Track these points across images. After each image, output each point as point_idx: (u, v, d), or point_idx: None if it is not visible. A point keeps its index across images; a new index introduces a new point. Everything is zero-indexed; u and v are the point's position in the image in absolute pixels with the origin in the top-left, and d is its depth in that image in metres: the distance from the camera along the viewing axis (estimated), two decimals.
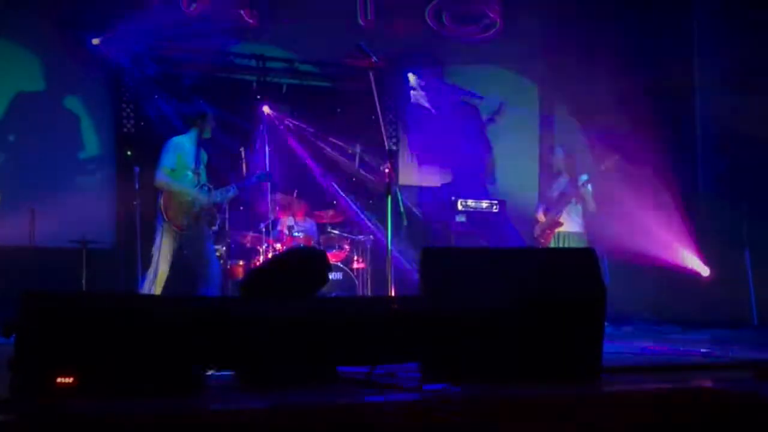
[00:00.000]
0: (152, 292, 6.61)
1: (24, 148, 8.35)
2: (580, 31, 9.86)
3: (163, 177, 6.80)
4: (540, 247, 7.78)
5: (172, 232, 6.79)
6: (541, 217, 7.96)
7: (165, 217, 6.76)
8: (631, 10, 9.81)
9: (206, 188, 6.97)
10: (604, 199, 8.03)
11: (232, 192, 7.14)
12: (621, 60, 9.61)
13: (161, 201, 6.79)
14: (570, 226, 7.82)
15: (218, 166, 7.59)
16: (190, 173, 6.90)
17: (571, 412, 3.29)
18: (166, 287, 6.77)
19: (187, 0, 8.83)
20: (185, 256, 6.99)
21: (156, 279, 6.73)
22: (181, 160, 6.86)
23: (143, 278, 6.87)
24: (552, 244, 7.78)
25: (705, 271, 9.05)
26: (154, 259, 6.78)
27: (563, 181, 7.96)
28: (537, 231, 7.98)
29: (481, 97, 9.91)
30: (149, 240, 6.96)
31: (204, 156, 7.10)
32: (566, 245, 7.72)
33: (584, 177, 7.88)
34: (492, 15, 9.92)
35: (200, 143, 7.04)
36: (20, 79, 8.49)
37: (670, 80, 9.69)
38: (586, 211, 7.85)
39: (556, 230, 7.82)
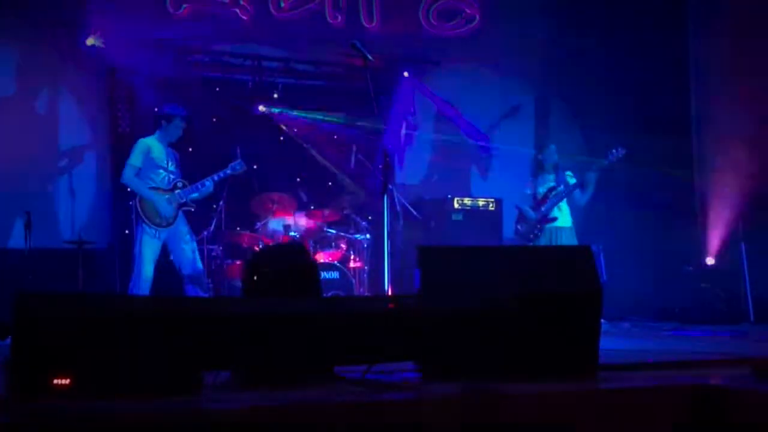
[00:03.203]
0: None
1: (18, 149, 8.32)
2: (575, 25, 9.88)
3: (127, 177, 6.95)
4: (524, 243, 7.81)
5: (151, 232, 6.83)
6: (528, 211, 7.95)
7: (143, 218, 6.82)
8: (626, 4, 9.83)
9: (180, 185, 7.04)
10: (601, 192, 8.07)
11: (207, 185, 7.20)
12: (617, 55, 9.64)
13: (137, 202, 6.86)
14: (562, 221, 7.87)
15: (215, 165, 7.60)
16: (162, 171, 6.98)
17: (568, 410, 3.29)
18: (152, 289, 6.78)
19: (175, 2, 8.79)
20: (170, 256, 7.04)
21: (140, 282, 6.74)
22: (150, 160, 6.93)
23: (129, 283, 6.88)
24: (543, 240, 7.79)
25: (710, 260, 9.15)
26: (136, 261, 6.82)
27: (550, 176, 7.99)
28: (522, 227, 7.96)
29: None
30: None
31: (174, 155, 7.17)
32: (558, 241, 7.73)
33: (569, 173, 7.91)
34: (469, 11, 9.88)
35: (170, 143, 7.12)
36: (14, 78, 8.46)
37: (666, 75, 9.71)
38: (574, 206, 7.90)
39: (548, 225, 7.83)
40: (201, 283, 7.02)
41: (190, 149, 8.17)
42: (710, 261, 9.24)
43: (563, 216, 7.90)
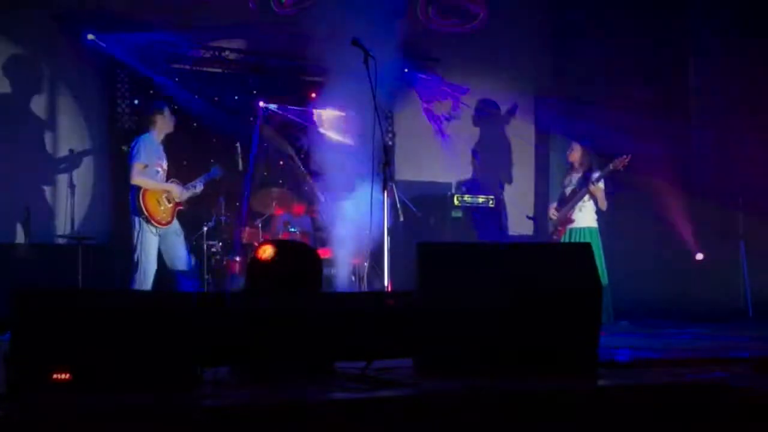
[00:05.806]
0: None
1: (17, 144, 8.31)
2: (575, 23, 9.88)
3: (138, 175, 6.91)
4: (553, 242, 7.74)
5: (152, 228, 6.85)
6: (553, 213, 7.92)
7: (145, 214, 6.82)
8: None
9: (174, 184, 7.10)
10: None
11: (198, 187, 7.25)
12: (617, 51, 9.63)
13: (140, 198, 6.86)
14: (582, 221, 7.73)
15: (216, 161, 7.62)
16: (159, 170, 7.01)
17: (568, 407, 3.29)
18: (155, 285, 6.80)
19: None
20: (164, 252, 7.06)
21: (144, 277, 6.76)
22: (151, 157, 6.94)
23: (132, 280, 6.88)
24: (564, 241, 7.72)
25: (699, 255, 9.10)
26: (139, 258, 6.82)
27: (576, 176, 7.88)
28: (551, 228, 7.95)
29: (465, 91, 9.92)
30: None
31: (165, 153, 7.21)
32: (578, 241, 7.63)
33: (596, 174, 7.67)
34: (474, 8, 9.88)
35: (167, 136, 7.14)
36: (14, 74, 8.45)
37: (667, 73, 9.70)
38: (598, 207, 7.76)
39: (568, 227, 7.76)
40: (195, 277, 7.08)
41: (191, 145, 8.16)
42: (699, 257, 9.17)
43: (584, 216, 7.76)
